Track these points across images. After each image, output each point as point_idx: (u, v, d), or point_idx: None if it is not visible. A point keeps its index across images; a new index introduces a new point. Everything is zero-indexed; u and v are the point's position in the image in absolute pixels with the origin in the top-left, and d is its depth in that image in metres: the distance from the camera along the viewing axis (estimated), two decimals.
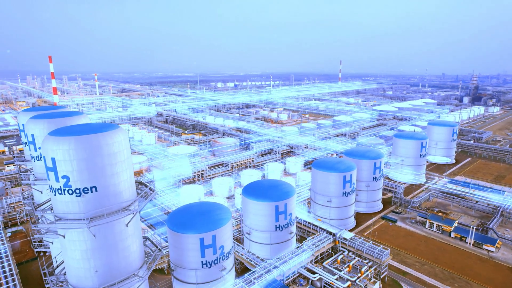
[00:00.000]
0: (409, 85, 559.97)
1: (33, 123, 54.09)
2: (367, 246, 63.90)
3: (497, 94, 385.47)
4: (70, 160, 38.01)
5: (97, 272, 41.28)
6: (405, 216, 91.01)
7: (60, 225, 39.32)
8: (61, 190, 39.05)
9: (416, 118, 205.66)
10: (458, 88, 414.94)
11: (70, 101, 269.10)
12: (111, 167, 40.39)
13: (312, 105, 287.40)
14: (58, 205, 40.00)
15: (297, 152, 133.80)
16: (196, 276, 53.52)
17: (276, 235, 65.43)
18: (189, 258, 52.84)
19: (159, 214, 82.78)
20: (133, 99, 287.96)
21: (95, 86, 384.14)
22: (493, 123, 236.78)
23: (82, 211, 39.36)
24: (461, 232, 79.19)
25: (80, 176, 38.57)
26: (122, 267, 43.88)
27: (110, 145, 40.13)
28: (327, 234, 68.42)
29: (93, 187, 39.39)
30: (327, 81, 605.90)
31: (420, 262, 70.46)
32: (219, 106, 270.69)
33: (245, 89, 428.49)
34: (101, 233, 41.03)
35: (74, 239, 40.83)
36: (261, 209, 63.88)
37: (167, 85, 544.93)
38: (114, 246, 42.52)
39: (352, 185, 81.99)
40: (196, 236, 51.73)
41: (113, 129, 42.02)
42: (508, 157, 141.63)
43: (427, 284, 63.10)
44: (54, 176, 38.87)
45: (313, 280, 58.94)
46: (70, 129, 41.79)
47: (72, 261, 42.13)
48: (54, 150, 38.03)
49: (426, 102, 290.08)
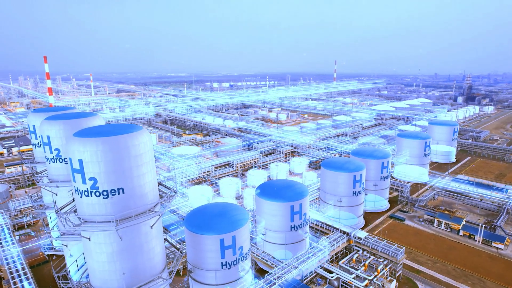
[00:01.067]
0: (403, 85, 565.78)
1: (48, 124, 53.30)
2: (382, 245, 64.32)
3: (490, 93, 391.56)
4: (98, 161, 37.55)
5: (124, 274, 40.78)
6: (413, 215, 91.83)
7: (87, 228, 38.81)
8: (88, 192, 38.55)
9: (415, 117, 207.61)
10: (452, 87, 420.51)
11: (66, 101, 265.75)
12: (137, 169, 40.00)
13: (310, 105, 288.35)
14: (84, 207, 39.45)
15: (301, 152, 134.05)
16: (216, 277, 53.30)
17: (291, 235, 65.45)
18: (208, 259, 52.53)
19: (169, 215, 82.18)
20: (130, 99, 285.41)
21: (90, 86, 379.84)
22: (488, 122, 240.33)
23: (109, 213, 38.89)
24: (469, 230, 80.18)
25: (108, 178, 38.12)
26: (147, 269, 43.50)
27: (137, 146, 39.76)
28: (341, 234, 68.68)
29: (120, 189, 38.96)
30: (322, 81, 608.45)
31: (432, 260, 71.17)
32: (217, 106, 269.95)
33: (241, 89, 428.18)
34: (128, 235, 40.61)
35: (100, 241, 40.32)
36: (277, 209, 63.84)
37: (162, 85, 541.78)
38: (139, 248, 42.12)
39: (362, 185, 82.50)
40: (217, 237, 51.49)
41: (138, 130, 41.63)
42: (507, 155, 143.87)
43: (442, 282, 63.73)
44: (80, 178, 38.33)
45: (330, 280, 59.14)
46: (95, 130, 41.30)
47: (97, 264, 41.58)
48: (82, 151, 37.50)
49: (422, 101, 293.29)
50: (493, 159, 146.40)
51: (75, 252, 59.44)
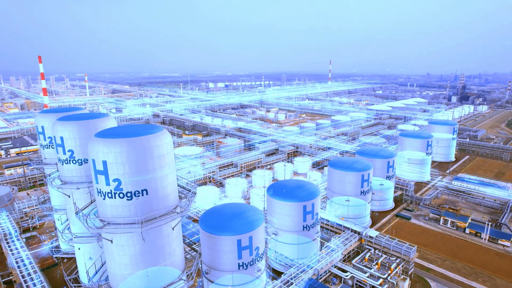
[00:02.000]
0: (398, 84, 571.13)
1: (61, 125, 52.43)
2: (394, 244, 64.79)
3: (483, 93, 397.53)
4: (122, 162, 37.14)
5: (148, 276, 40.39)
6: (418, 214, 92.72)
7: (110, 230, 38.33)
8: (111, 194, 38.09)
9: (414, 117, 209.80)
10: (446, 87, 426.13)
11: (61, 102, 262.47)
12: (160, 170, 39.67)
13: (307, 105, 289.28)
14: (107, 209, 38.96)
15: (303, 152, 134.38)
16: (232, 278, 53.11)
17: (303, 235, 65.50)
18: (225, 260, 52.28)
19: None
20: (126, 100, 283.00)
21: (85, 86, 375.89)
22: (483, 121, 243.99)
23: (132, 214, 38.49)
24: (475, 228, 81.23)
25: (132, 179, 37.71)
26: (168, 271, 43.12)
27: (160, 147, 39.44)
28: (352, 233, 69.01)
29: (144, 190, 38.59)
30: (317, 81, 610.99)
31: (441, 258, 71.92)
32: (215, 106, 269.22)
33: (237, 89, 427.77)
34: (150, 237, 40.26)
35: (122, 243, 39.89)
36: (290, 209, 63.80)
37: (156, 85, 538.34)
38: (161, 250, 41.79)
39: (369, 184, 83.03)
40: (234, 238, 51.27)
41: (160, 130, 41.27)
42: (505, 154, 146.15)
43: (453, 280, 64.44)
44: (104, 180, 37.86)
45: (345, 279, 59.39)
46: (117, 131, 40.86)
47: (119, 266, 41.12)
48: (106, 152, 37.04)
49: (418, 101, 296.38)
50: (491, 157, 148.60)
51: (87, 255, 58.87)
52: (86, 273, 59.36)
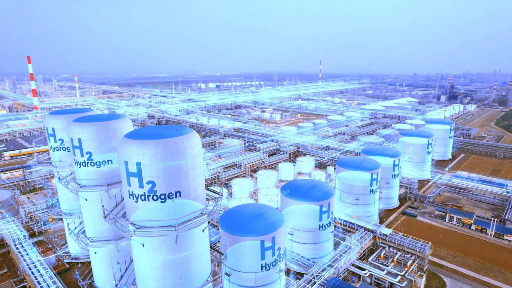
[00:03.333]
0: (387, 84, 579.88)
1: (80, 127, 51.21)
2: (408, 241, 65.70)
3: (469, 92, 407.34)
4: (157, 164, 36.54)
5: (182, 280, 39.85)
6: (423, 211, 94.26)
7: (144, 233, 37.65)
8: (144, 196, 37.41)
9: (408, 117, 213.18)
10: (434, 86, 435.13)
11: (51, 103, 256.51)
12: (193, 171, 39.25)
13: (300, 105, 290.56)
14: (140, 212, 38.22)
15: (305, 152, 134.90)
16: (255, 279, 52.90)
17: (319, 234, 65.78)
18: (248, 261, 52.05)
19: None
20: (118, 101, 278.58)
21: (73, 87, 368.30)
22: (473, 120, 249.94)
23: (166, 217, 37.89)
24: (481, 224, 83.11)
25: (166, 181, 37.17)
26: (198, 273, 42.73)
27: (193, 148, 39.00)
28: (366, 231, 69.67)
29: (178, 192, 38.07)
30: (308, 81, 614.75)
31: (451, 254, 73.31)
32: (209, 107, 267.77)
33: (230, 90, 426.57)
34: (182, 239, 39.73)
35: (154, 247, 39.24)
36: (306, 209, 64.00)
37: (146, 86, 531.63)
38: (193, 252, 41.29)
39: (378, 183, 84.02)
40: (258, 239, 51.12)
41: (190, 132, 40.78)
42: (499, 152, 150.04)
43: (465, 275, 65.76)
44: (137, 182, 37.15)
45: (363, 276, 59.90)
46: (147, 132, 40.20)
47: (150, 270, 40.44)
48: (140, 154, 36.37)
49: (409, 101, 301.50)
50: (485, 155, 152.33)
51: (102, 259, 57.72)
52: (103, 277, 58.66)
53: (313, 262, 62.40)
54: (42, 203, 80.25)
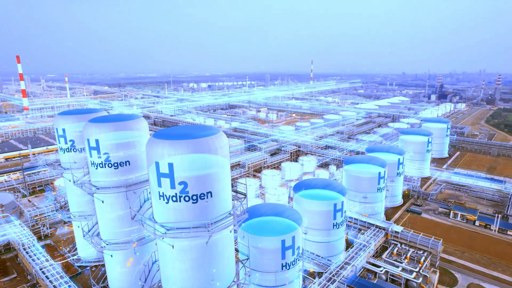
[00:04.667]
0: (377, 84, 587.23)
1: (97, 127, 50.30)
2: (420, 238, 66.74)
3: (458, 91, 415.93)
4: (189, 164, 36.18)
5: (213, 281, 39.56)
6: (427, 208, 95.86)
7: (176, 235, 37.22)
8: (176, 197, 36.98)
9: (403, 115, 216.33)
10: (422, 86, 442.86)
11: (42, 104, 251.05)
12: (223, 171, 39.04)
13: (294, 105, 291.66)
14: (171, 213, 37.76)
15: (306, 151, 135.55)
16: (276, 280, 52.94)
17: (333, 233, 66.23)
18: (269, 261, 52.08)
19: None
20: (111, 101, 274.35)
21: (62, 88, 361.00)
22: (464, 118, 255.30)
23: (197, 218, 37.55)
24: (485, 220, 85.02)
25: (199, 182, 36.83)
26: (226, 274, 42.49)
27: (222, 148, 38.76)
28: (378, 229, 70.45)
29: (209, 193, 37.76)
30: (299, 81, 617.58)
31: (459, 250, 74.77)
32: (204, 107, 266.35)
33: (222, 90, 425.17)
34: (212, 241, 39.37)
35: (185, 248, 38.82)
36: (321, 208, 64.34)
37: (137, 86, 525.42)
38: (221, 253, 41.04)
39: (385, 181, 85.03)
40: (278, 238, 51.21)
41: (218, 131, 40.50)
42: (493, 149, 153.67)
43: (475, 270, 67.15)
44: (169, 183, 36.68)
45: (379, 274, 60.55)
46: (175, 132, 39.71)
47: (179, 272, 39.99)
48: (173, 155, 35.94)
49: (401, 100, 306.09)
50: (479, 153, 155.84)
51: (118, 262, 56.78)
52: (118, 280, 57.69)
53: (328, 260, 62.82)
54: (48, 206, 78.43)
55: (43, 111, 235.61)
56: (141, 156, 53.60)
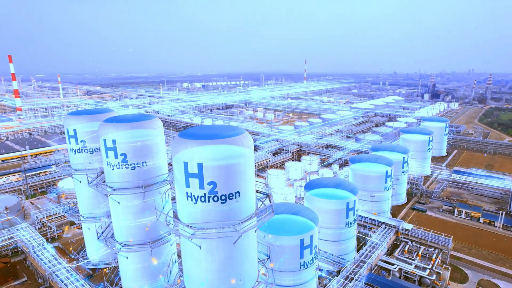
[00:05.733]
0: (370, 83, 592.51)
1: (114, 127, 49.60)
2: (431, 235, 67.61)
3: (449, 91, 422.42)
4: (219, 164, 35.98)
5: (241, 282, 39.44)
6: (431, 206, 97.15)
7: (205, 235, 36.98)
8: (205, 198, 36.73)
9: (399, 115, 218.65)
10: (414, 85, 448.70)
11: (36, 104, 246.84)
12: (250, 171, 38.94)
13: (290, 104, 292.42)
14: (199, 214, 37.47)
15: (308, 151, 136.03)
16: (294, 279, 53.06)
17: (345, 231, 66.61)
18: (287, 261, 52.18)
19: None
20: (106, 101, 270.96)
21: (56, 88, 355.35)
22: (457, 118, 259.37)
23: (225, 218, 37.33)
24: (489, 217, 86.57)
25: (228, 181, 36.66)
26: (252, 274, 42.45)
27: (250, 148, 38.69)
28: (388, 227, 71.13)
29: (237, 192, 37.61)
30: (293, 80, 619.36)
31: (466, 247, 75.96)
32: (201, 107, 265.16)
33: (217, 90, 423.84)
34: (239, 241, 39.26)
35: (212, 249, 38.60)
36: (334, 207, 64.64)
37: (130, 86, 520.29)
38: (247, 253, 40.96)
39: (392, 180, 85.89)
40: (297, 238, 51.38)
41: (244, 131, 40.31)
42: (489, 147, 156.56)
43: (484, 267, 68.31)
44: (198, 183, 36.41)
45: (393, 271, 61.16)
46: (202, 132, 39.41)
47: (206, 272, 39.77)
48: (203, 154, 35.72)
49: (396, 99, 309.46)
50: (476, 151, 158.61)
51: (134, 264, 56.16)
52: (133, 282, 57.04)
53: (342, 259, 63.25)
54: (56, 208, 77.16)
55: (36, 112, 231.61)
56: (158, 156, 53.26)
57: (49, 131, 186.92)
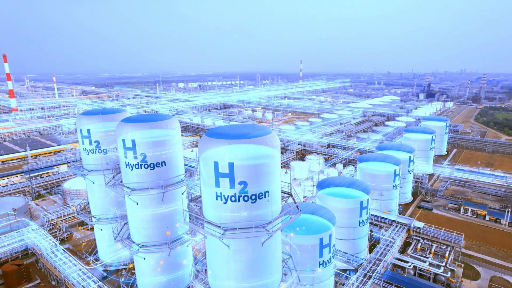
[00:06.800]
0: (365, 83, 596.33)
1: (133, 127, 49.24)
2: (442, 233, 68.34)
3: (444, 90, 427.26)
4: (249, 164, 35.94)
5: (270, 280, 39.41)
6: (436, 204, 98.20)
7: (235, 235, 36.89)
8: (235, 197, 36.68)
9: (397, 114, 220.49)
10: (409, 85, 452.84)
11: (31, 104, 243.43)
12: (277, 170, 39.00)
13: (288, 104, 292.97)
14: (229, 213, 37.38)
15: (311, 150, 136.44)
16: (313, 278, 53.20)
17: (359, 230, 66.98)
18: (307, 259, 52.27)
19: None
20: (102, 101, 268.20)
21: (50, 88, 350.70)
22: (453, 117, 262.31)
23: (254, 218, 37.32)
24: (495, 215, 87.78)
25: (258, 181, 36.65)
26: (277, 274, 42.48)
27: (278, 147, 38.77)
28: (400, 225, 71.72)
29: (266, 192, 37.63)
30: (288, 80, 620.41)
31: (475, 244, 76.92)
32: (199, 107, 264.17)
33: (214, 89, 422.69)
34: (268, 240, 39.24)
35: (241, 249, 38.56)
36: (348, 206, 64.95)
37: (125, 86, 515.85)
38: (273, 253, 40.99)
39: (400, 178, 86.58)
40: (317, 237, 51.53)
41: (271, 131, 40.32)
42: (488, 146, 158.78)
43: (494, 264, 69.26)
44: (228, 183, 36.33)
45: (408, 269, 61.67)
46: (230, 131, 39.21)
47: (233, 273, 39.69)
48: (234, 154, 35.64)
49: (392, 99, 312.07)
50: (475, 150, 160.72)
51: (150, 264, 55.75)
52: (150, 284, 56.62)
53: (356, 257, 63.56)
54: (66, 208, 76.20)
55: (33, 112, 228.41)
56: (176, 156, 53.00)
57: (47, 131, 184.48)
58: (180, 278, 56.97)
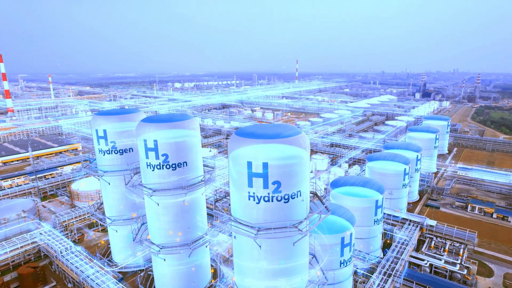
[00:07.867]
0: (361, 83, 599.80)
1: (155, 127, 48.81)
2: (455, 231, 69.07)
3: (439, 90, 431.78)
4: (283, 164, 35.89)
5: (301, 279, 39.41)
6: (443, 203, 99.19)
7: (270, 235, 36.81)
8: (268, 197, 36.58)
9: (396, 113, 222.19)
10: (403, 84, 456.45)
11: (28, 105, 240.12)
12: (307, 170, 39.00)
13: (286, 104, 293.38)
14: (261, 213, 37.28)
15: (315, 150, 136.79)
16: (334, 277, 53.34)
17: (373, 229, 67.34)
18: (329, 259, 52.36)
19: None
20: (100, 102, 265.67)
21: (44, 88, 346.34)
22: (451, 116, 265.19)
23: (285, 218, 37.30)
24: (502, 213, 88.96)
25: (291, 180, 36.62)
26: (306, 274, 42.47)
27: (308, 147, 38.72)
28: (413, 223, 72.29)
29: (299, 192, 37.63)
30: (285, 80, 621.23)
31: (485, 242, 77.85)
32: (198, 107, 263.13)
33: (211, 89, 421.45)
34: (299, 240, 39.25)
35: (272, 249, 38.50)
36: (364, 205, 65.26)
37: (120, 86, 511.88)
38: (302, 253, 40.97)
39: (409, 177, 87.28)
40: (338, 236, 51.67)
41: (300, 131, 40.28)
42: (488, 145, 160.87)
43: (506, 261, 70.16)
44: (262, 183, 36.21)
45: (424, 266, 62.20)
46: (260, 131, 39.03)
47: (266, 273, 39.56)
48: (270, 154, 35.55)
49: (390, 98, 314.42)
50: (475, 148, 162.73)
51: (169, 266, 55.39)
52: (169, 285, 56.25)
53: (372, 255, 63.92)
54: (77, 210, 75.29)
55: (30, 113, 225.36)
56: (197, 156, 52.75)
57: (47, 132, 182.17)
58: (199, 278, 56.73)
